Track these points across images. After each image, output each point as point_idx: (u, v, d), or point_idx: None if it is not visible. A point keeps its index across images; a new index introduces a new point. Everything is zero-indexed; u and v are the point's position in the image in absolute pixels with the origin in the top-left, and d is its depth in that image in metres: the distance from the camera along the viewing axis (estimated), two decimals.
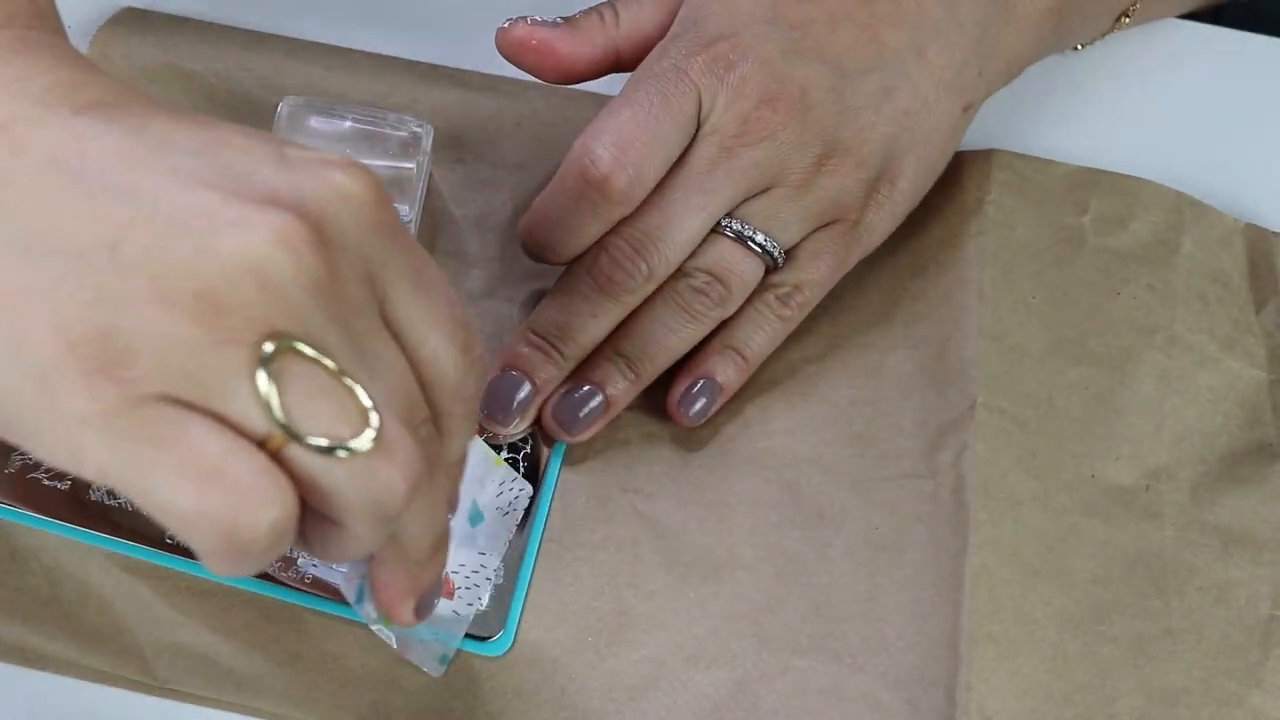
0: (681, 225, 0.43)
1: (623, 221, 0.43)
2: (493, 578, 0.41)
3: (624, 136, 0.42)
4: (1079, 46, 0.53)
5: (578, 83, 0.46)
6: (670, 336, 0.44)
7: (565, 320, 0.43)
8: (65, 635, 0.40)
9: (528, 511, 0.43)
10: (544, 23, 0.45)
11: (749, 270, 0.44)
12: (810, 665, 0.41)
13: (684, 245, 0.43)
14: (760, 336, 0.45)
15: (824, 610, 0.42)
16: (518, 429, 0.44)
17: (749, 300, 0.45)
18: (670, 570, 0.43)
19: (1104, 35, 0.53)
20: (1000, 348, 0.46)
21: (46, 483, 0.41)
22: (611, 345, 0.44)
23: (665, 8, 0.46)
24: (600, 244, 0.43)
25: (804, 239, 0.45)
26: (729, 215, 0.44)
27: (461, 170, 0.49)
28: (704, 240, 0.44)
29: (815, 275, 0.45)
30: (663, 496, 0.44)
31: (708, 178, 0.43)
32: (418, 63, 0.51)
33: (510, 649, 0.41)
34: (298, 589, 0.41)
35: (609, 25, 0.46)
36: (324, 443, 0.28)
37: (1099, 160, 0.50)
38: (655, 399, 0.45)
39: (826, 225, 0.45)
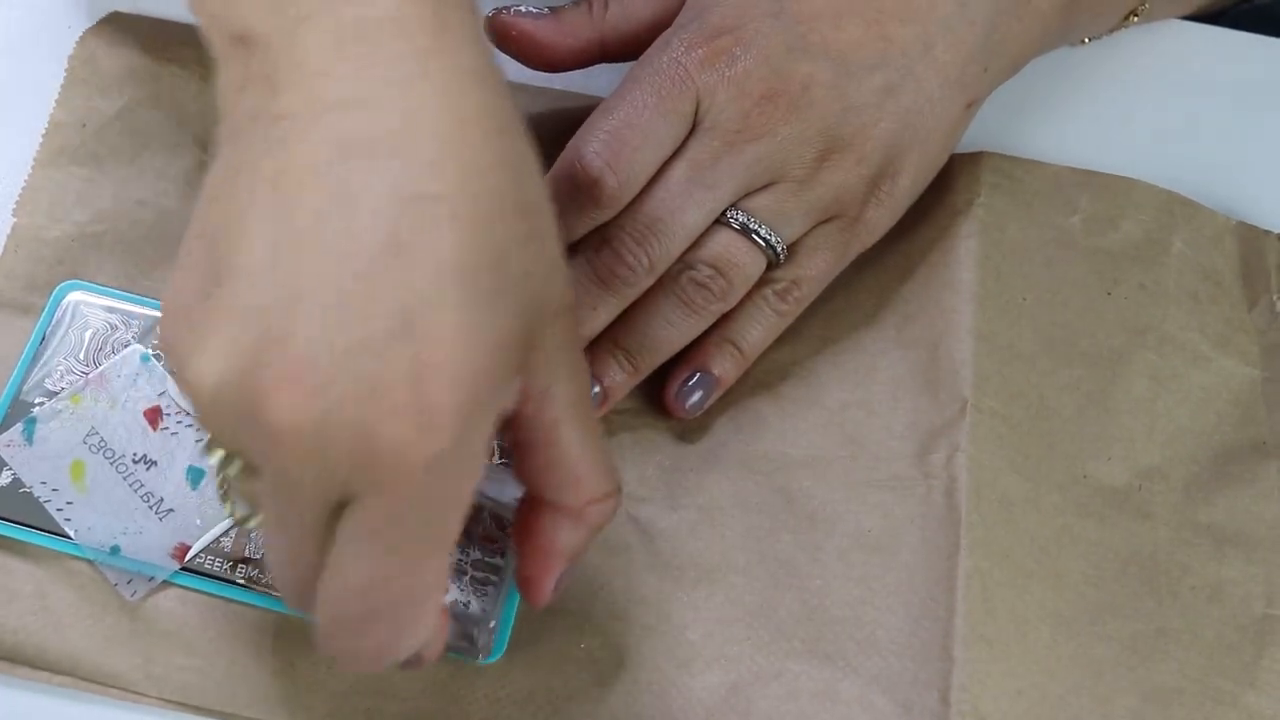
0: (683, 218, 0.43)
1: (624, 212, 0.43)
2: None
3: (615, 137, 0.42)
4: (1085, 40, 0.53)
5: (562, 71, 0.46)
6: (670, 330, 0.44)
7: None
8: (56, 646, 0.39)
9: None
10: (529, 13, 0.45)
11: (751, 264, 0.44)
12: (804, 669, 0.41)
13: (685, 238, 0.43)
14: (757, 331, 0.45)
15: (817, 614, 0.42)
16: None
17: (747, 295, 0.45)
18: (663, 575, 0.43)
19: (1111, 32, 0.52)
20: (991, 349, 0.46)
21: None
22: (610, 337, 0.44)
23: (659, 1, 0.46)
24: (601, 236, 0.43)
25: (804, 235, 0.45)
26: (733, 207, 0.44)
27: None
28: (706, 232, 0.44)
29: (813, 271, 0.45)
30: (654, 501, 0.44)
31: (709, 171, 0.43)
32: None
33: (503, 654, 0.41)
34: None
35: (596, 17, 0.46)
36: None
37: (1091, 160, 0.50)
38: (646, 403, 0.45)
39: (826, 221, 0.45)
